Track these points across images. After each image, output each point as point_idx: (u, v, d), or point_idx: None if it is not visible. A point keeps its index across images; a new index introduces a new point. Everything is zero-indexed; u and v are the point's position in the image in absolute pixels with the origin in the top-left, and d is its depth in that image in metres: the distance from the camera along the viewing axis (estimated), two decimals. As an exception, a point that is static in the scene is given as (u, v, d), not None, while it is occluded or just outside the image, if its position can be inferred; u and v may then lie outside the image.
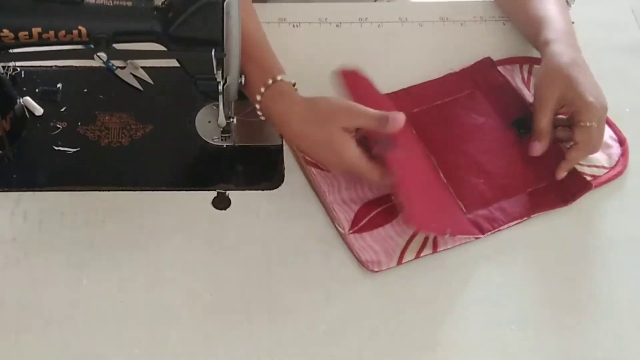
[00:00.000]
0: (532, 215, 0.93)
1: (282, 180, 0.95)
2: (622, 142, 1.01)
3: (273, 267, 0.88)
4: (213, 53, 0.82)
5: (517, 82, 1.06)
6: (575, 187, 0.96)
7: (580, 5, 1.12)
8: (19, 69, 1.02)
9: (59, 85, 1.01)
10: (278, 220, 0.92)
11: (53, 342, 0.81)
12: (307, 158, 0.94)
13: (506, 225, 0.92)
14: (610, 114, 0.97)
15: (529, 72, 1.07)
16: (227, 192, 0.93)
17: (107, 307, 0.84)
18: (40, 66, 1.03)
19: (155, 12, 0.83)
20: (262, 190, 0.94)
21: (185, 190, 0.94)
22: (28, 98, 0.99)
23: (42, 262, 0.87)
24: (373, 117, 0.86)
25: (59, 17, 0.82)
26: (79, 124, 0.98)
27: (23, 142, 0.96)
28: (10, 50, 0.86)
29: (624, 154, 1.00)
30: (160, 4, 0.84)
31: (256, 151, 0.98)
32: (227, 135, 0.98)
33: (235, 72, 0.87)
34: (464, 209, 0.93)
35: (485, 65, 1.07)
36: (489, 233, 0.91)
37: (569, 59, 0.96)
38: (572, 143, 0.95)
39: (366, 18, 1.12)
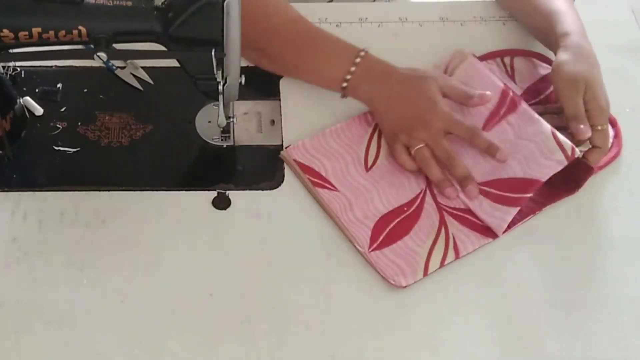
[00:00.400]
0: (543, 209, 0.93)
1: (282, 180, 0.95)
2: (613, 123, 1.02)
3: (273, 267, 0.88)
4: (213, 53, 0.82)
5: (502, 76, 1.06)
6: (579, 173, 0.96)
7: (580, 5, 1.12)
8: (19, 69, 1.02)
9: (59, 85, 1.01)
10: (278, 220, 0.91)
11: (53, 342, 0.81)
12: (313, 179, 0.94)
13: (520, 223, 0.92)
14: (610, 114, 0.97)
15: (511, 66, 1.08)
16: (227, 192, 0.93)
17: (107, 307, 0.84)
18: (40, 66, 1.03)
19: (155, 12, 0.83)
20: (262, 190, 0.94)
21: (185, 190, 0.94)
22: (28, 98, 0.99)
23: (42, 262, 0.87)
24: (462, 88, 0.96)
25: (59, 17, 0.82)
26: (79, 124, 0.98)
27: (23, 142, 0.96)
28: (10, 50, 0.86)
29: (617, 135, 1.01)
30: (160, 4, 0.83)
31: (256, 151, 0.98)
32: (227, 135, 0.98)
33: (236, 72, 0.87)
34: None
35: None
36: (505, 233, 0.91)
37: (588, 54, 0.97)
38: (590, 146, 0.95)
39: (366, 18, 1.12)
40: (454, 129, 0.93)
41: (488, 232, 0.91)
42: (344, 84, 0.96)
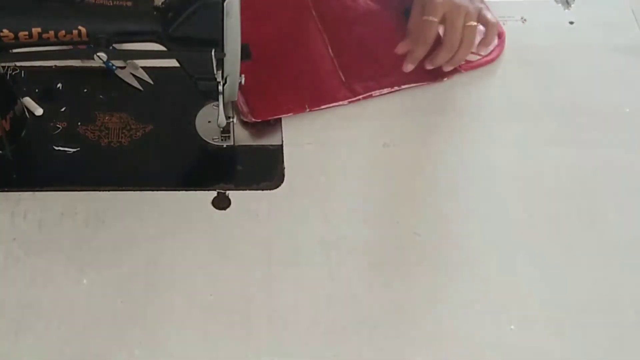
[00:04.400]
0: (402, 86, 1.02)
1: (282, 180, 0.95)
2: (500, 35, 1.09)
3: (273, 267, 0.88)
4: (213, 53, 0.82)
5: None
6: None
7: (580, 6, 1.12)
8: (19, 69, 1.02)
9: (59, 85, 1.01)
10: (278, 220, 0.92)
11: (53, 342, 0.81)
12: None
13: (378, 92, 1.01)
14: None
15: None
16: (227, 192, 0.93)
17: (107, 307, 0.84)
18: (40, 66, 1.02)
19: (155, 12, 0.83)
20: (262, 190, 0.94)
21: (185, 190, 0.94)
22: (28, 98, 0.99)
23: (42, 262, 0.87)
24: None
25: (59, 17, 0.82)
26: (79, 124, 0.98)
27: (23, 142, 0.96)
28: (10, 50, 0.86)
29: (500, 45, 1.08)
30: (160, 4, 0.84)
31: (256, 151, 0.98)
32: (227, 135, 0.98)
33: (235, 72, 0.87)
34: (342, 78, 1.02)
35: None
36: (361, 97, 1.00)
37: None
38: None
39: (366, 18, 1.12)
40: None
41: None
42: None
